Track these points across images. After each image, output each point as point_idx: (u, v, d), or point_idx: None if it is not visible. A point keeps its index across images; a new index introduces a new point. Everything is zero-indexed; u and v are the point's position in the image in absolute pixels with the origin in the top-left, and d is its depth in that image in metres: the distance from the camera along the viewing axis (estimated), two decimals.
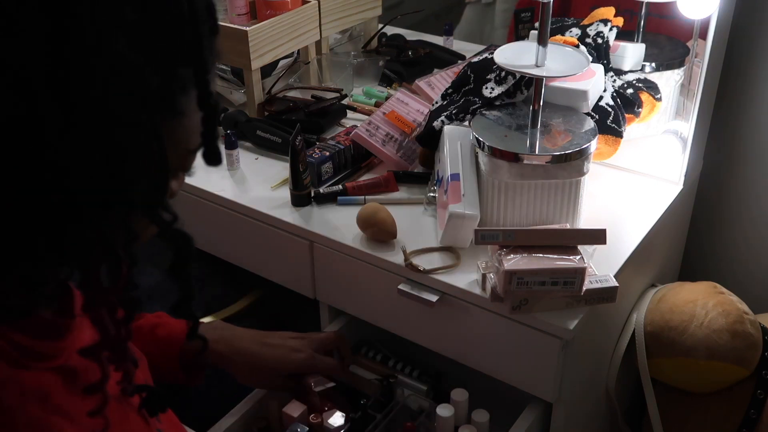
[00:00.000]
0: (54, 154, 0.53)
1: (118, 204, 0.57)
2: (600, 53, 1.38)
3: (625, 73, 1.42)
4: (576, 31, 1.41)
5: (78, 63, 0.52)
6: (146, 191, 0.59)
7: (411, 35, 1.94)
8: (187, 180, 1.51)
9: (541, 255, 1.09)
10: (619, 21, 1.43)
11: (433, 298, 1.18)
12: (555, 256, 1.09)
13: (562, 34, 1.41)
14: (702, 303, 1.34)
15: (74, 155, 0.54)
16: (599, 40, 1.39)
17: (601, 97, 1.32)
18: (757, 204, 1.62)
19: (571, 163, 1.18)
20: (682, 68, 1.44)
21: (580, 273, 1.08)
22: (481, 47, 1.80)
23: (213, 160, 0.67)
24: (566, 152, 1.16)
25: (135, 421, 0.76)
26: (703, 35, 1.29)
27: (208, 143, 0.65)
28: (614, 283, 1.12)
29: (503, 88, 1.29)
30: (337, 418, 1.24)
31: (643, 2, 1.45)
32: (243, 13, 1.67)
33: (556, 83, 1.28)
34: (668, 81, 1.43)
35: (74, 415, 0.64)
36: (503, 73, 1.30)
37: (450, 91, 1.40)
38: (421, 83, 1.57)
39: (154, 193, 0.59)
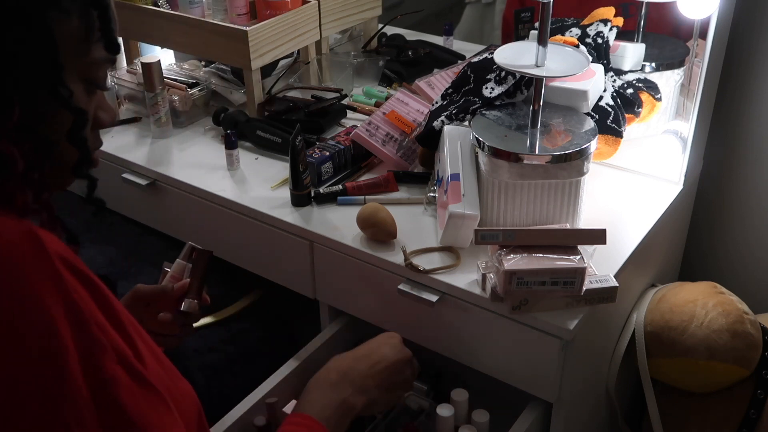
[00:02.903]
0: None
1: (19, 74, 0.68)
2: (600, 53, 1.38)
3: (625, 73, 1.42)
4: (576, 31, 1.41)
5: None
6: (41, 65, 0.69)
7: (411, 35, 1.94)
8: (187, 180, 1.52)
9: (541, 255, 1.09)
10: (619, 21, 1.43)
11: (433, 298, 1.18)
12: (555, 256, 1.09)
13: (562, 34, 1.41)
14: (702, 303, 1.34)
15: None
16: (599, 40, 1.39)
17: (601, 97, 1.32)
18: (757, 204, 1.62)
19: (571, 163, 1.18)
20: (682, 68, 1.44)
21: (580, 273, 1.08)
22: (481, 47, 1.80)
23: (112, 48, 0.76)
24: (566, 152, 1.16)
25: None
26: (703, 35, 1.29)
27: (106, 35, 0.74)
28: (614, 283, 1.12)
29: (503, 88, 1.30)
30: None
31: (643, 2, 1.45)
32: (243, 13, 1.67)
33: (556, 83, 1.28)
34: (668, 81, 1.43)
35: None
36: (503, 73, 1.30)
37: (450, 91, 1.40)
38: (421, 83, 1.57)
39: (49, 72, 0.70)
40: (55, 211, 0.75)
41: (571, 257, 1.09)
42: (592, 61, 1.31)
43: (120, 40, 0.81)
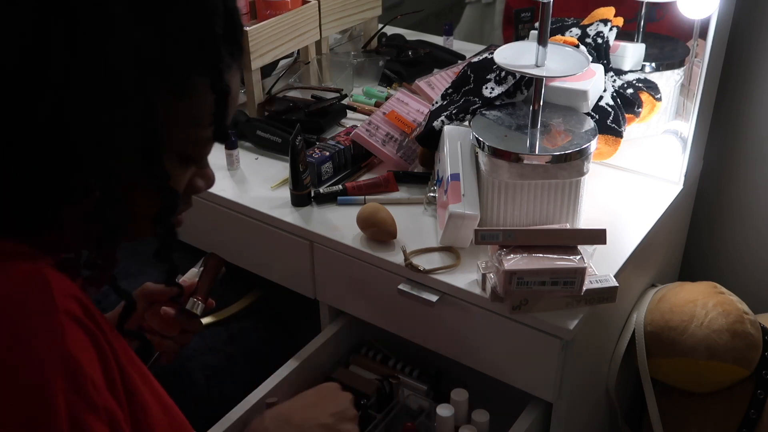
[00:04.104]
0: (53, 94, 0.62)
1: (111, 154, 0.65)
2: (600, 53, 1.38)
3: (625, 73, 1.42)
4: (576, 31, 1.41)
5: (85, 18, 0.61)
6: (141, 149, 0.67)
7: (411, 35, 1.94)
8: None
9: (541, 255, 1.09)
10: (619, 21, 1.43)
11: (433, 298, 1.18)
12: (555, 256, 1.09)
13: (562, 34, 1.41)
14: (702, 303, 1.34)
15: (73, 102, 0.62)
16: (599, 40, 1.39)
17: (601, 97, 1.32)
18: (757, 204, 1.62)
19: (571, 163, 1.18)
20: (682, 68, 1.44)
21: (580, 273, 1.08)
22: (481, 47, 1.80)
23: (221, 137, 0.72)
24: (566, 152, 1.16)
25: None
26: (703, 35, 1.29)
27: (218, 122, 0.71)
28: (614, 283, 1.12)
29: (503, 88, 1.30)
30: None
31: (643, 2, 1.45)
32: (243, 13, 1.67)
33: (556, 83, 1.28)
34: (668, 81, 1.43)
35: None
36: (503, 73, 1.30)
37: (450, 91, 1.40)
38: (421, 83, 1.57)
39: (148, 151, 0.67)
40: (110, 273, 0.75)
41: (571, 257, 1.09)
42: (592, 61, 1.31)
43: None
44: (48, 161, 0.64)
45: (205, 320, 1.49)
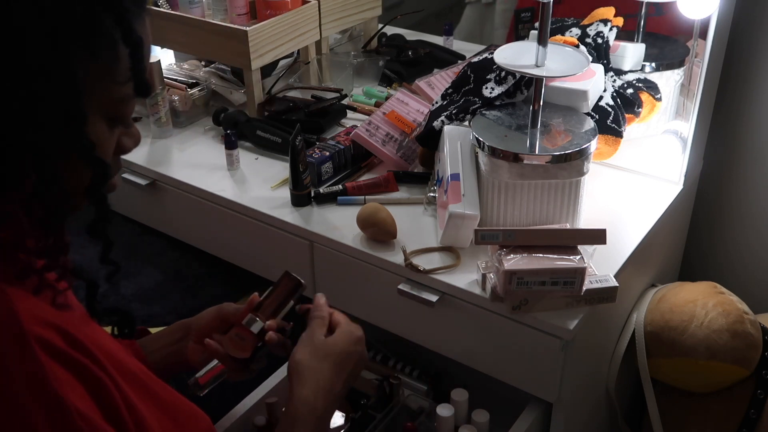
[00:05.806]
0: None
1: (34, 128, 0.63)
2: (600, 53, 1.38)
3: (625, 73, 1.42)
4: (576, 31, 1.41)
5: None
6: (62, 117, 0.64)
7: (411, 35, 1.94)
8: (188, 180, 1.52)
9: (541, 255, 1.09)
10: (619, 21, 1.43)
11: (433, 298, 1.18)
12: (555, 256, 1.09)
13: (562, 34, 1.41)
14: (702, 303, 1.34)
15: None
16: (599, 40, 1.39)
17: (601, 97, 1.32)
18: (757, 204, 1.62)
19: (571, 163, 1.18)
20: (682, 68, 1.44)
21: (580, 273, 1.08)
22: (481, 47, 1.80)
23: (142, 91, 0.70)
24: (566, 152, 1.16)
25: (99, 330, 0.76)
26: (703, 35, 1.29)
27: (136, 76, 0.69)
28: (614, 283, 1.12)
29: (503, 88, 1.30)
30: (337, 418, 1.24)
31: (643, 2, 1.45)
32: (243, 13, 1.67)
33: (556, 83, 1.28)
34: (668, 81, 1.43)
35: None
36: (503, 73, 1.30)
37: (450, 91, 1.40)
38: (421, 83, 1.57)
39: (70, 120, 0.65)
40: (71, 276, 0.71)
41: (571, 257, 1.09)
42: (592, 61, 1.31)
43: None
44: None
45: None
